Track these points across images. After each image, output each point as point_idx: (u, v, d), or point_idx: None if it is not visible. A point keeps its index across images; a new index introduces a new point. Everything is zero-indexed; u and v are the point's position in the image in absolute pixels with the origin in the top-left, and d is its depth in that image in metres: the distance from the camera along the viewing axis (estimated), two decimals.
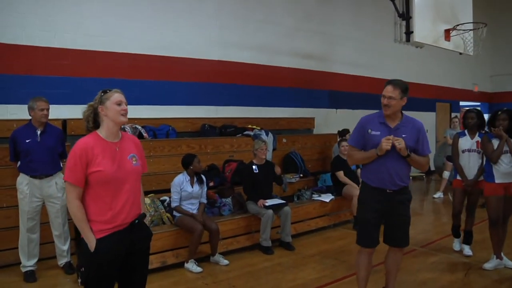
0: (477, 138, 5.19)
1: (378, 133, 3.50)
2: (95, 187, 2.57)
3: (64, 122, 5.79)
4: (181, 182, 5.14)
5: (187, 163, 5.22)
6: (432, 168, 11.80)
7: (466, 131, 5.32)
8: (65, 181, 2.58)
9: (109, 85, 6.30)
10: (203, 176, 5.38)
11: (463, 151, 5.25)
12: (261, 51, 8.43)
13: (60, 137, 4.73)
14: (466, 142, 5.25)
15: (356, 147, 3.64)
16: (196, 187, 5.21)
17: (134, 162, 2.72)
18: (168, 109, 7.09)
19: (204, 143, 6.66)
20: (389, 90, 3.50)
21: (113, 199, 2.59)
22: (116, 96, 2.67)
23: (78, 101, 6.03)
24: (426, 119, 12.95)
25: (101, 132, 2.67)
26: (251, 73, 8.26)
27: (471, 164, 5.20)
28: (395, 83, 3.53)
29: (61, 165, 4.70)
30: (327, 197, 6.87)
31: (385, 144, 3.38)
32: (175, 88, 7.19)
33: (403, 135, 3.49)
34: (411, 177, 10.16)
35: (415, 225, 6.94)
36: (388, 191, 3.53)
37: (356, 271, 3.82)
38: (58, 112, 5.64)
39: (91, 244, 2.54)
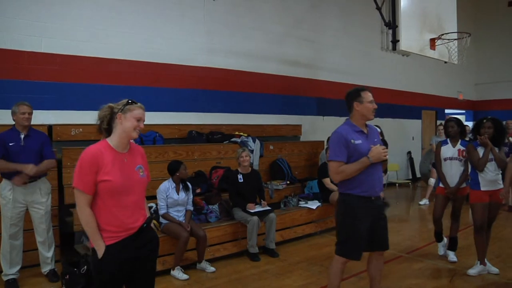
0: (459, 146, 5.28)
1: (360, 141, 3.50)
2: (103, 196, 2.57)
3: (50, 127, 5.75)
4: (167, 189, 5.12)
5: (173, 169, 5.20)
6: (418, 175, 11.94)
7: (448, 140, 5.40)
8: (74, 188, 2.55)
9: (96, 91, 6.33)
10: (188, 183, 5.37)
11: (445, 159, 5.33)
12: (249, 58, 8.44)
13: (45, 140, 4.65)
14: (448, 150, 5.33)
15: (344, 162, 3.49)
16: (182, 194, 5.20)
17: (141, 174, 2.74)
18: (155, 115, 7.04)
19: (191, 150, 6.64)
20: (372, 95, 3.57)
21: (120, 210, 2.60)
22: (139, 112, 2.71)
23: (64, 106, 6.09)
24: (412, 127, 13.13)
25: (111, 141, 2.67)
26: (238, 79, 8.27)
27: (453, 171, 5.28)
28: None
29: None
30: (314, 204, 6.88)
31: (384, 154, 3.44)
32: (162, 94, 7.17)
33: (375, 140, 3.61)
34: (397, 184, 10.32)
35: (401, 232, 7.01)
36: (373, 198, 3.55)
37: (332, 280, 3.69)
38: (44, 117, 5.61)
39: (101, 251, 2.55)
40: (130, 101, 2.72)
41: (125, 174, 2.63)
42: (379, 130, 8.40)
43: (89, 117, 6.15)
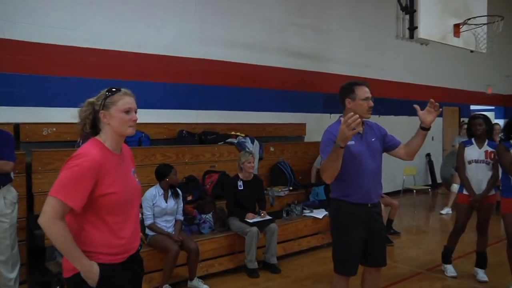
0: (486, 147, 5.16)
1: (353, 142, 3.39)
2: (102, 213, 2.24)
3: (17, 126, 5.61)
4: (153, 197, 5.09)
5: (162, 174, 5.16)
6: (439, 181, 11.79)
7: (473, 140, 5.27)
8: (51, 196, 2.12)
9: (72, 85, 6.14)
10: (178, 190, 5.33)
11: (470, 162, 5.19)
12: (247, 49, 8.39)
13: (7, 141, 4.44)
14: (474, 152, 5.19)
15: None
16: (171, 202, 5.17)
17: (136, 179, 2.47)
18: (141, 113, 6.77)
19: (181, 152, 6.59)
20: (369, 91, 3.49)
21: (122, 226, 2.31)
22: (126, 101, 2.35)
23: (35, 102, 5.96)
24: (432, 125, 12.96)
25: (105, 141, 2.33)
26: (235, 73, 8.23)
27: (479, 176, 5.14)
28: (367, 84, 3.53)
29: (12, 177, 4.50)
30: (320, 213, 6.83)
31: (347, 127, 2.88)
32: (149, 89, 7.07)
33: (372, 139, 3.54)
34: (414, 191, 10.16)
35: (420, 245, 6.92)
36: (369, 205, 3.47)
37: None
38: (10, 114, 5.48)
39: (89, 271, 2.17)
40: (111, 90, 2.35)
41: (126, 182, 2.34)
42: None
43: (64, 114, 6.07)
